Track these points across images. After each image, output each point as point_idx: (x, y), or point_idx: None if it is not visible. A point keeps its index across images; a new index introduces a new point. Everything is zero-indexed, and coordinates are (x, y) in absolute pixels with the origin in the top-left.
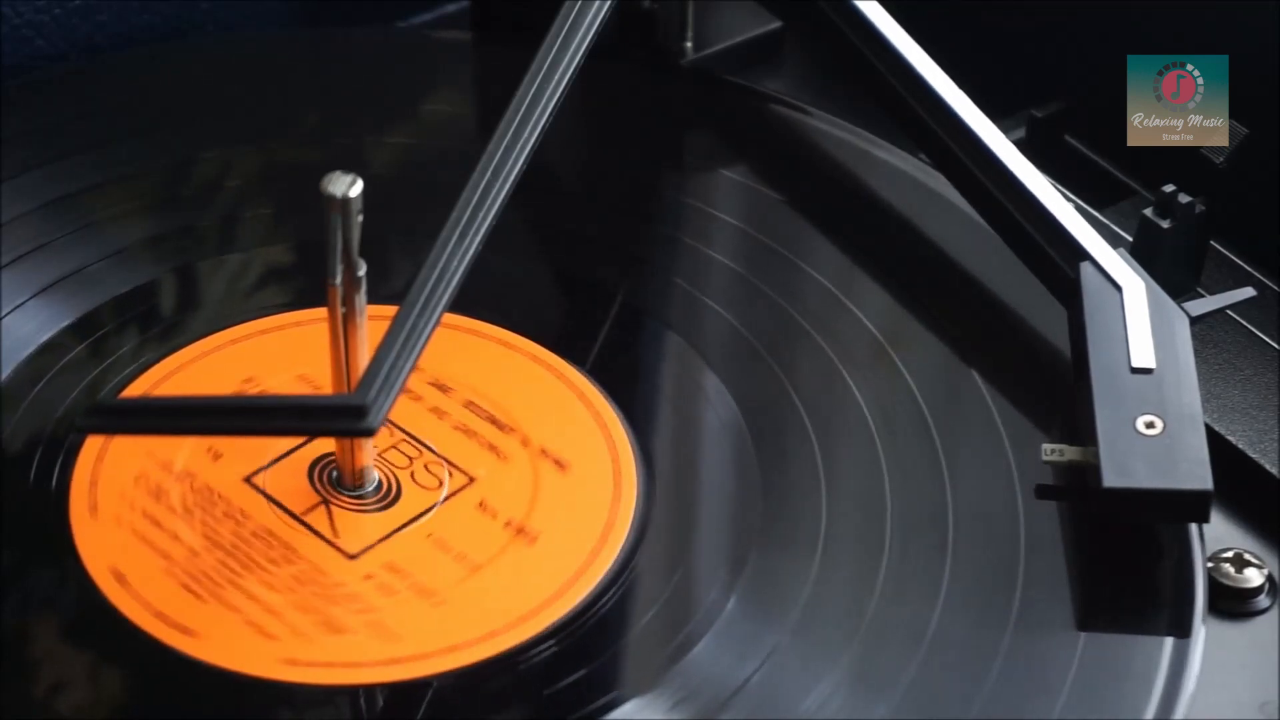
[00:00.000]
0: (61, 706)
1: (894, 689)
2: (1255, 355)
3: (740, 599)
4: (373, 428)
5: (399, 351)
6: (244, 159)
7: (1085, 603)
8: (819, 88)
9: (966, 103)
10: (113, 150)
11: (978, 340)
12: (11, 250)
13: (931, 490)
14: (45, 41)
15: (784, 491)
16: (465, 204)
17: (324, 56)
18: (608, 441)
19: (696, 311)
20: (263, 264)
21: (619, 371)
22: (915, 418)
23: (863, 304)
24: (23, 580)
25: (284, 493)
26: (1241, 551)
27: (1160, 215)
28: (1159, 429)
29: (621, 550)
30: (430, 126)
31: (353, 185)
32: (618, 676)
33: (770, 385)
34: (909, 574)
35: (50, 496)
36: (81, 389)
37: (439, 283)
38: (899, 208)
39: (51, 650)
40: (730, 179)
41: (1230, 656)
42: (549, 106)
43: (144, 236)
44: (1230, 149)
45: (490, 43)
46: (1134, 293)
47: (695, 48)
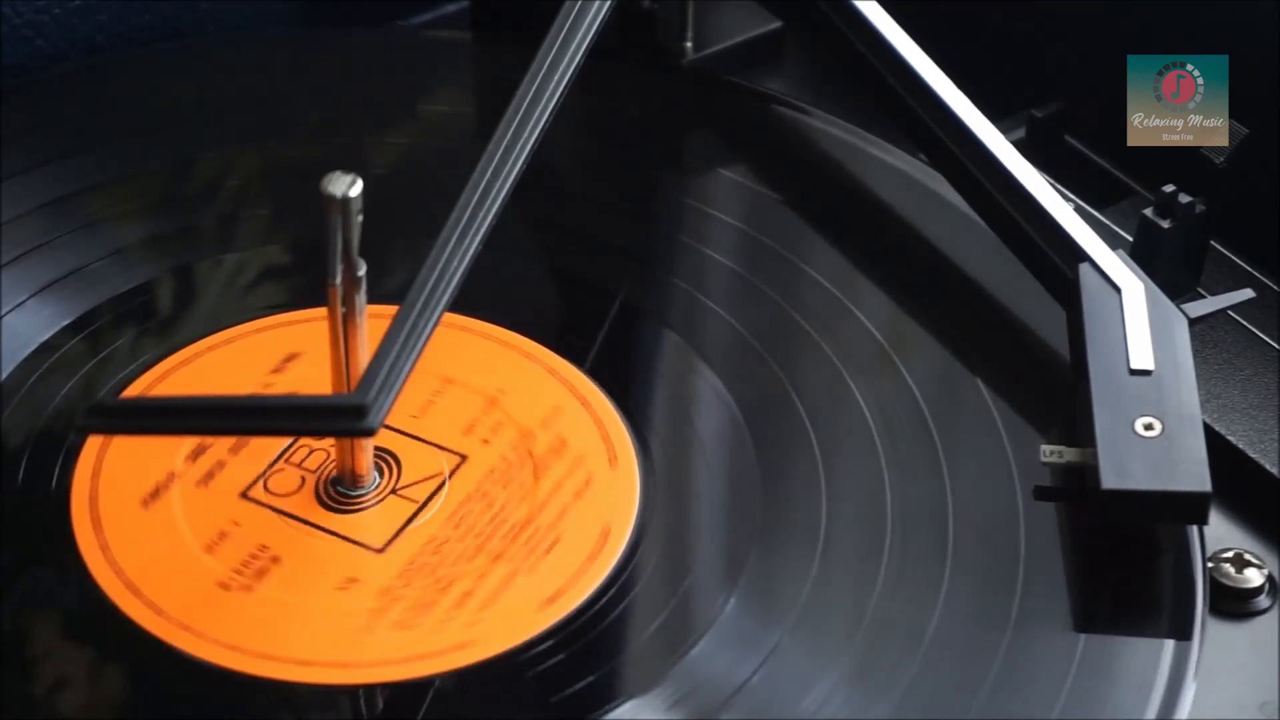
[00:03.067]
0: (64, 707)
1: (894, 689)
2: (1255, 355)
3: (740, 599)
4: (373, 428)
5: (399, 351)
6: (244, 159)
7: (1085, 603)
8: (819, 88)
9: (966, 103)
10: (113, 150)
11: (977, 341)
12: (11, 250)
13: (931, 490)
14: (45, 41)
15: (784, 491)
16: (465, 204)
17: (324, 56)
18: (607, 442)
19: (696, 311)
20: (262, 264)
21: (619, 371)
22: (915, 418)
23: (862, 304)
24: (23, 581)
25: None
26: (1242, 551)
27: (1160, 215)
28: (1158, 430)
29: (621, 550)
30: (430, 126)
31: (353, 185)
32: (617, 676)
33: (770, 385)
34: (909, 574)
35: (50, 496)
36: (81, 388)
37: (439, 283)
38: (899, 208)
39: (52, 651)
40: (730, 179)
41: (1230, 657)
42: (549, 106)
43: (143, 236)
44: (1230, 149)
45: (490, 43)
46: (1133, 294)
47: (695, 48)
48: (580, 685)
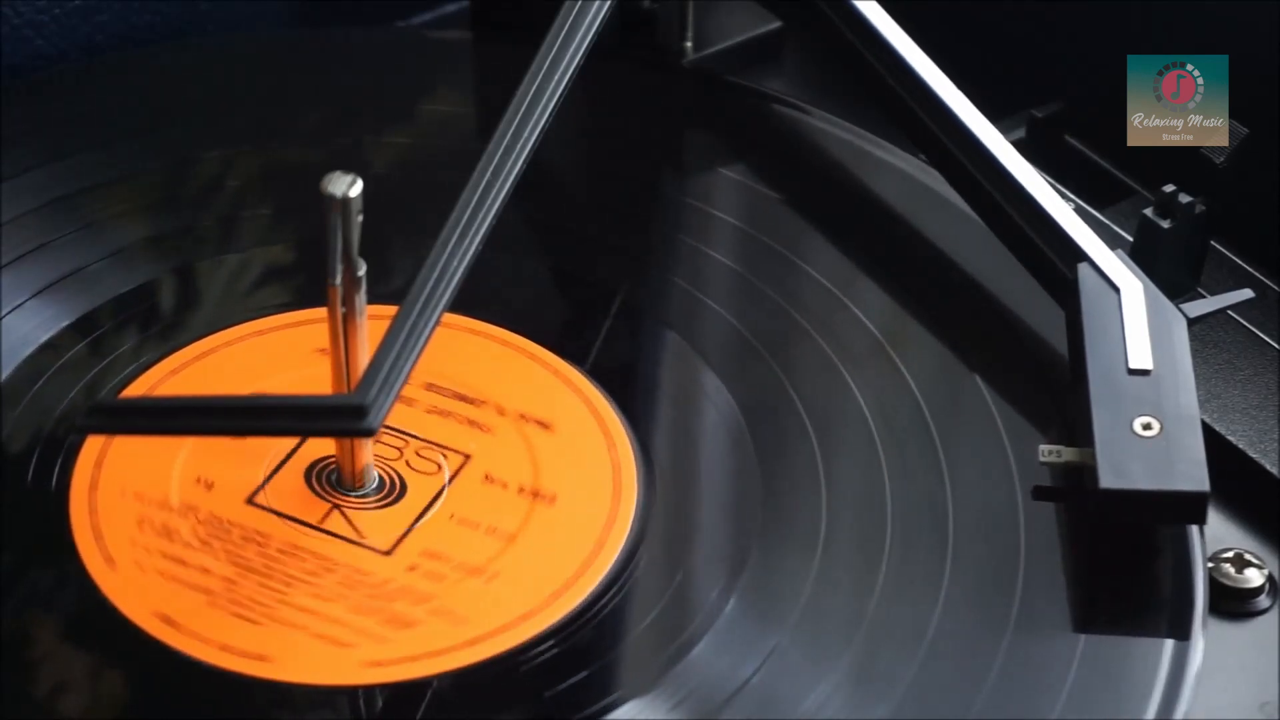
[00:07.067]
0: (62, 707)
1: (894, 689)
2: (1255, 355)
3: (740, 599)
4: (373, 428)
5: (399, 351)
6: (244, 159)
7: (1085, 603)
8: (819, 88)
9: (965, 103)
10: (113, 150)
11: (977, 340)
12: (11, 250)
13: (931, 490)
14: (45, 41)
15: (784, 491)
16: (465, 204)
17: (324, 56)
18: (607, 441)
19: (696, 311)
20: (262, 264)
21: (619, 371)
22: (915, 418)
23: (862, 304)
24: (22, 581)
25: (291, 506)
26: (1242, 551)
27: (1160, 215)
28: (1156, 430)
29: (621, 550)
30: (430, 126)
31: (353, 185)
32: (617, 677)
33: (770, 385)
34: (909, 574)
35: (50, 496)
36: (81, 389)
37: (439, 283)
38: (899, 208)
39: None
40: (730, 179)
41: (1230, 657)
42: (549, 106)
43: (144, 236)
44: (1230, 149)
45: (490, 43)
46: (1131, 294)
47: (695, 48)
48: (579, 685)
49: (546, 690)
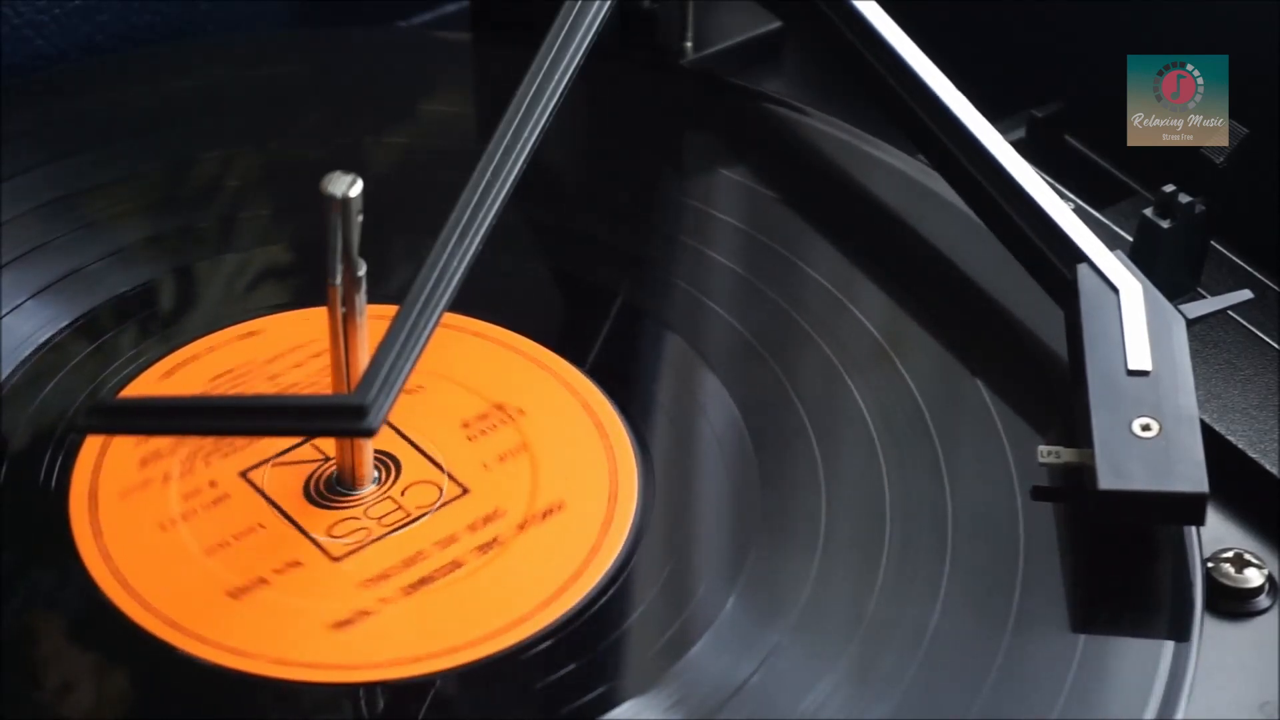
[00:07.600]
0: (62, 708)
1: (893, 689)
2: (1255, 355)
3: (740, 599)
4: (373, 428)
5: (399, 351)
6: (244, 159)
7: (1085, 603)
8: (819, 88)
9: (964, 104)
10: (113, 150)
11: (976, 341)
12: (11, 250)
13: (931, 490)
14: (45, 41)
15: (784, 492)
16: (465, 204)
17: (324, 56)
18: (606, 442)
19: (696, 311)
20: (262, 264)
21: (619, 372)
22: (914, 418)
23: (862, 304)
24: (22, 581)
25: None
26: (1241, 551)
27: (1160, 215)
28: (1155, 431)
29: (620, 550)
30: (430, 126)
31: (353, 185)
32: (617, 676)
33: (770, 385)
34: (908, 574)
35: (50, 496)
36: (81, 389)
37: (439, 283)
38: (899, 208)
39: (50, 651)
40: (730, 179)
41: (1230, 657)
42: (549, 106)
43: (144, 236)
44: (1230, 149)
45: (490, 43)
46: (1131, 295)
47: (695, 48)
48: (579, 685)
49: (546, 689)
